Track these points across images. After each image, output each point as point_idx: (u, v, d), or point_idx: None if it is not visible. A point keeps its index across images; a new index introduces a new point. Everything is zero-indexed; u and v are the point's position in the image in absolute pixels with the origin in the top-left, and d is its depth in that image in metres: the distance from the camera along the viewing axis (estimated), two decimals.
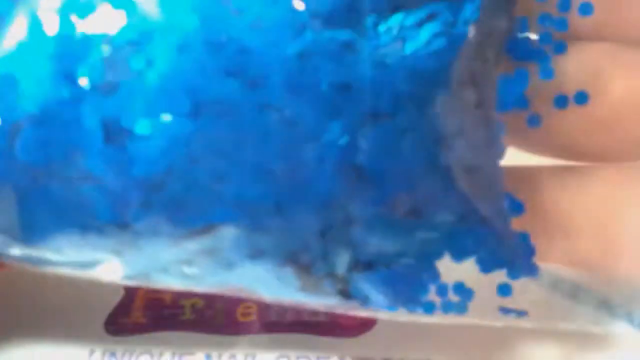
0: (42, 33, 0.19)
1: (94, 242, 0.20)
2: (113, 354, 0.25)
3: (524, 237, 0.21)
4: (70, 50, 0.19)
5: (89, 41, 0.19)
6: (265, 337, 0.26)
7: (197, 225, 0.20)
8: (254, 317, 0.27)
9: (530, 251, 0.21)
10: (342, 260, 0.21)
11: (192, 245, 0.20)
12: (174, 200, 0.20)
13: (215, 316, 0.27)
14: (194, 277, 0.21)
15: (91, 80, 0.19)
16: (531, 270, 0.21)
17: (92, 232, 0.20)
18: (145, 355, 0.25)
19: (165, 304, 0.27)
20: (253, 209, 0.20)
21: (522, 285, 0.21)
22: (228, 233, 0.20)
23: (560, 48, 0.21)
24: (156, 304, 0.27)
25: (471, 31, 0.20)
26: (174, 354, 0.25)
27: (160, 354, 0.25)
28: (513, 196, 0.21)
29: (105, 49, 0.19)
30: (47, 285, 0.25)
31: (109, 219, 0.20)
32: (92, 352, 0.25)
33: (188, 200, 0.20)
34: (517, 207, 0.21)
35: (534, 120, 0.21)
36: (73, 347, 0.25)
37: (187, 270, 0.21)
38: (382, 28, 0.19)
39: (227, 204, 0.20)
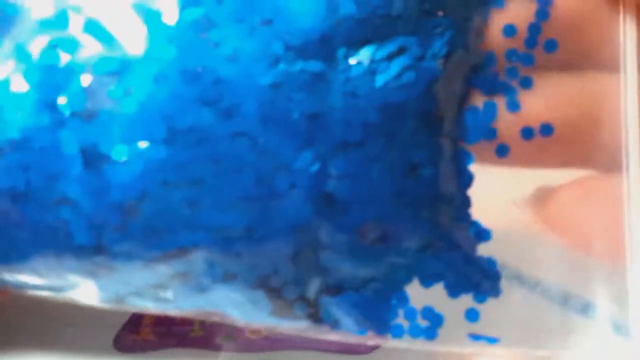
0: (28, 63, 0.20)
1: (70, 265, 0.21)
2: None
3: (490, 263, 0.22)
4: (52, 80, 0.20)
5: (71, 71, 0.20)
6: (275, 354, 0.26)
7: (169, 249, 0.20)
8: (263, 334, 0.27)
9: (496, 275, 0.22)
10: (312, 285, 0.21)
11: (165, 269, 0.21)
12: (147, 225, 0.20)
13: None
14: (168, 300, 0.21)
15: (71, 108, 0.20)
16: (496, 292, 0.22)
17: (68, 255, 0.20)
18: None
19: (174, 321, 0.28)
20: (225, 234, 0.20)
21: (492, 312, 0.22)
22: (200, 257, 0.20)
23: (527, 83, 0.22)
24: (165, 320, 0.28)
25: (440, 65, 0.20)
26: None
27: None
28: (479, 224, 0.22)
29: (86, 79, 0.20)
30: (57, 302, 0.26)
31: (85, 242, 0.20)
32: None
33: (161, 225, 0.20)
34: (484, 234, 0.22)
35: (502, 151, 0.22)
36: None
37: (161, 294, 0.21)
38: (352, 60, 0.20)
39: (199, 229, 0.20)
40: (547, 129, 0.22)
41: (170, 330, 0.27)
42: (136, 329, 0.27)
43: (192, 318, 0.22)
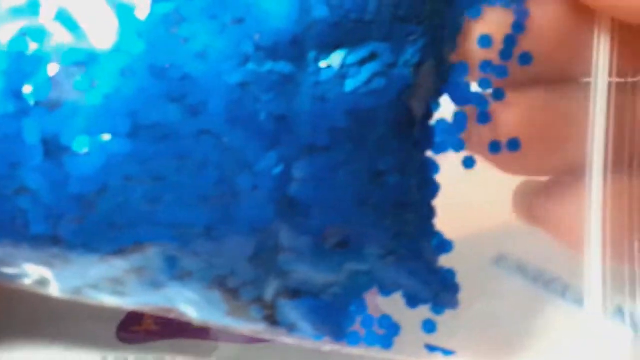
0: None
1: (26, 254, 0.20)
2: None
3: (450, 274, 0.22)
4: (20, 67, 0.20)
5: (38, 60, 0.20)
6: (277, 346, 0.26)
7: (126, 244, 0.20)
8: None
9: (455, 288, 0.22)
10: (270, 287, 0.21)
11: (121, 264, 0.20)
12: (106, 218, 0.20)
13: None
14: (124, 294, 0.21)
15: (36, 97, 0.20)
16: (454, 305, 0.21)
17: (25, 244, 0.20)
18: None
19: None
20: (183, 232, 0.20)
21: (450, 324, 0.22)
22: (157, 253, 0.20)
23: (499, 95, 0.22)
24: None
25: (411, 73, 0.20)
26: None
27: None
28: (442, 235, 0.22)
29: (53, 68, 0.20)
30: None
31: (42, 232, 0.20)
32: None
33: (120, 220, 0.20)
34: (446, 246, 0.22)
35: (469, 163, 0.22)
36: (86, 355, 0.26)
37: (117, 287, 0.21)
38: (323, 64, 0.20)
39: (158, 225, 0.20)
40: (514, 144, 0.22)
41: (172, 320, 0.27)
42: (139, 320, 0.27)
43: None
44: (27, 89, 0.20)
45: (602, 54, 0.21)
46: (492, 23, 0.22)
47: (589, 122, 0.21)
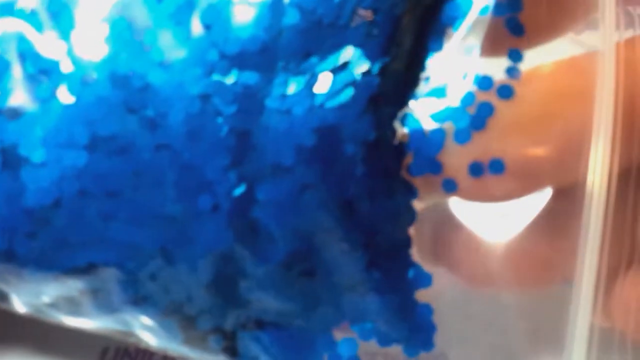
0: None
1: None
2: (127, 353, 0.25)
3: (427, 310, 0.20)
4: None
5: (1, 65, 0.19)
6: None
7: (78, 263, 0.19)
8: None
9: (430, 327, 0.20)
10: (229, 316, 0.20)
11: (75, 284, 0.19)
12: (59, 235, 0.19)
13: None
14: (81, 315, 0.20)
15: None
16: (428, 346, 0.19)
17: None
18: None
19: None
20: (138, 253, 0.19)
21: None
22: (111, 275, 0.19)
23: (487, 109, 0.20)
24: None
25: (380, 81, 0.19)
26: None
27: None
28: (421, 267, 0.20)
29: (16, 75, 0.19)
30: None
31: None
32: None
33: (73, 237, 0.19)
34: (424, 279, 0.20)
35: (450, 186, 0.19)
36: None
37: (73, 308, 0.20)
38: (292, 73, 0.19)
39: (111, 244, 0.19)
40: (497, 165, 0.19)
41: None
42: None
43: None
44: None
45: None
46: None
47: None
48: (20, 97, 0.19)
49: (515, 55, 0.19)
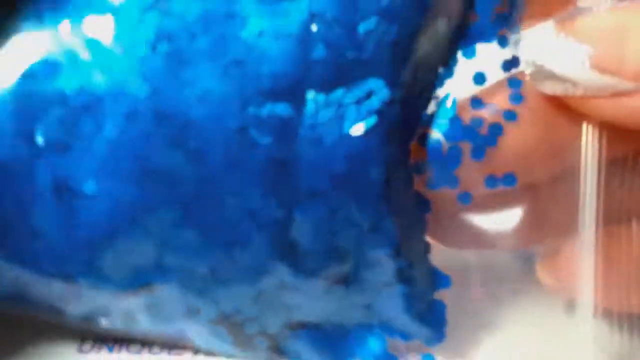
0: (4, 90, 0.20)
1: (40, 288, 0.21)
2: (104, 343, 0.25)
3: (441, 306, 0.22)
4: (29, 108, 0.20)
5: (47, 100, 0.20)
6: None
7: (136, 286, 0.21)
8: None
9: (443, 322, 0.22)
10: (273, 321, 0.22)
11: (132, 300, 0.21)
12: (114, 262, 0.21)
13: None
14: (136, 324, 0.22)
15: (46, 139, 0.20)
16: (441, 338, 0.22)
17: (38, 281, 0.21)
18: (136, 345, 0.25)
19: None
20: (190, 274, 0.21)
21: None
22: (165, 293, 0.21)
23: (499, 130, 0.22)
24: None
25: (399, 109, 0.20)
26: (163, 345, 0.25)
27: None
28: (439, 270, 0.22)
29: (62, 110, 0.20)
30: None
31: (53, 273, 0.21)
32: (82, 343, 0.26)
33: (127, 263, 0.21)
34: (444, 281, 0.22)
35: (465, 198, 0.22)
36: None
37: (129, 320, 0.22)
38: (321, 104, 0.20)
39: (164, 269, 0.21)
40: (510, 179, 0.22)
41: None
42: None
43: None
44: (37, 131, 0.20)
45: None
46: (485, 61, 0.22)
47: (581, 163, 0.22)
48: (67, 133, 0.20)
49: (515, 83, 0.21)
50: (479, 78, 0.21)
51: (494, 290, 0.23)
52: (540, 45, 0.20)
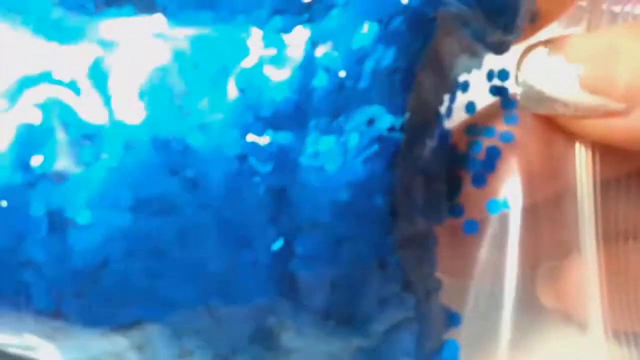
0: (6, 121, 0.20)
1: (29, 327, 0.20)
2: None
3: (454, 346, 0.21)
4: (29, 139, 0.20)
5: (47, 131, 0.20)
6: None
7: (125, 321, 0.20)
8: None
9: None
10: None
11: (122, 340, 0.20)
12: (106, 294, 0.20)
13: None
14: None
15: (42, 168, 0.20)
16: None
17: (28, 317, 0.20)
18: None
19: None
20: (183, 309, 0.20)
21: None
22: (157, 331, 0.20)
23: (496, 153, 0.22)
24: None
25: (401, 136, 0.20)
26: None
27: None
28: (449, 309, 0.21)
29: (60, 139, 0.20)
30: None
31: (44, 306, 0.20)
32: None
33: (120, 295, 0.20)
34: (454, 319, 0.21)
35: (471, 227, 0.21)
36: None
37: None
38: (323, 131, 0.20)
39: (157, 302, 0.20)
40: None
41: None
42: None
43: None
44: (34, 160, 0.20)
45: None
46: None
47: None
48: (64, 162, 0.20)
49: (509, 104, 0.21)
50: (470, 107, 0.21)
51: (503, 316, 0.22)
52: (531, 65, 0.20)
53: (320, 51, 0.20)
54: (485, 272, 0.21)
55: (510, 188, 0.21)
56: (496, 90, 0.22)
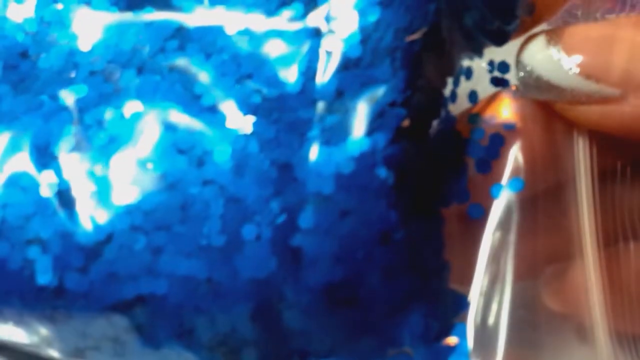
0: None
1: (30, 307, 0.20)
2: None
3: (462, 330, 0.20)
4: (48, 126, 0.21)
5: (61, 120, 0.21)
6: None
7: (127, 296, 0.20)
8: None
9: (465, 349, 0.20)
10: (274, 348, 0.20)
11: (122, 320, 0.20)
12: (109, 269, 0.20)
13: None
14: (124, 356, 0.20)
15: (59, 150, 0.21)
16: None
17: (30, 296, 0.20)
18: None
19: None
20: (185, 283, 0.20)
21: None
22: (157, 308, 0.20)
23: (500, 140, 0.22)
24: None
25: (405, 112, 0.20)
26: None
27: None
28: (457, 292, 0.20)
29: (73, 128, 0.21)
30: None
31: (47, 283, 0.20)
32: None
33: (123, 270, 0.20)
34: (462, 303, 0.20)
35: (476, 211, 0.21)
36: None
37: (118, 348, 0.20)
38: (328, 110, 0.20)
39: (159, 276, 0.20)
40: (516, 184, 0.21)
41: None
42: None
43: None
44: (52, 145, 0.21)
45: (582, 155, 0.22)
46: None
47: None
48: (74, 140, 0.21)
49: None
50: (473, 96, 0.22)
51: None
52: (530, 51, 0.21)
53: (323, 30, 0.20)
54: (489, 258, 0.21)
55: (513, 173, 0.21)
56: (497, 82, 0.22)
